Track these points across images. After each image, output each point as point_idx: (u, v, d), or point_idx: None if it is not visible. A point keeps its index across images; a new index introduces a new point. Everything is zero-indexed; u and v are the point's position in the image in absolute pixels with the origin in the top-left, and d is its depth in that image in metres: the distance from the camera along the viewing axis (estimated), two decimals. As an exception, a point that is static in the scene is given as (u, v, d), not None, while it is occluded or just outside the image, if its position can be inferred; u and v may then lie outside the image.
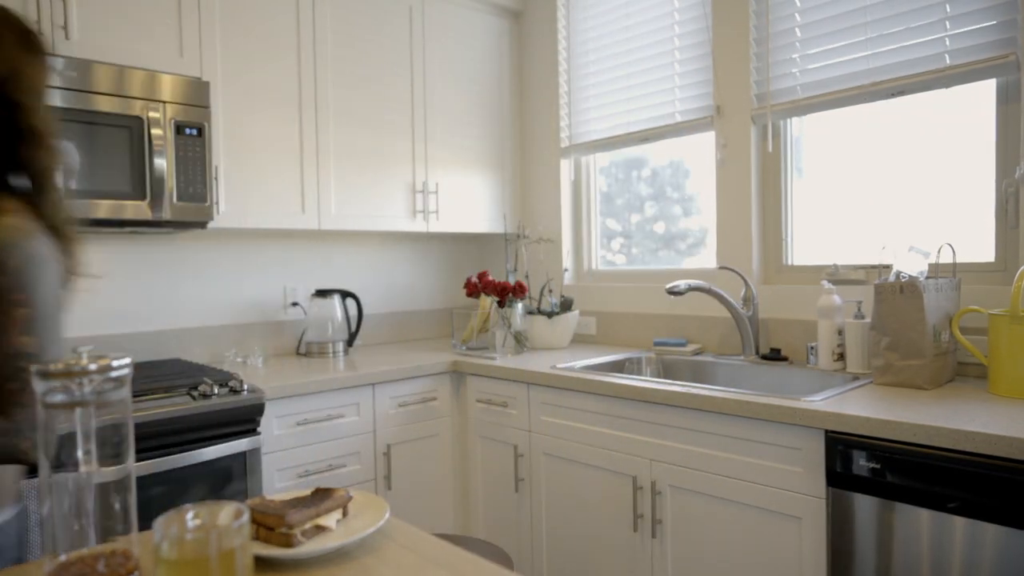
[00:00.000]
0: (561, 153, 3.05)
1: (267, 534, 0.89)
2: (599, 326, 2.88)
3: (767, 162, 2.40)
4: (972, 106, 1.98)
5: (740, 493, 1.71)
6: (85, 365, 0.73)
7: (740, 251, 2.42)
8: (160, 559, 0.66)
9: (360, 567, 0.86)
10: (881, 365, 1.80)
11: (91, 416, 0.78)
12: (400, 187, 2.74)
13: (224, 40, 2.25)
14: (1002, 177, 1.90)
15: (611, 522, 2.02)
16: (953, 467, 1.37)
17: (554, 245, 3.07)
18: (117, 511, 0.78)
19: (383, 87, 2.67)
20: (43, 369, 0.73)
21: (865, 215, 2.23)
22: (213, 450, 1.85)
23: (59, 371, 0.73)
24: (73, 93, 1.87)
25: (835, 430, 1.53)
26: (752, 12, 2.35)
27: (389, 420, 2.33)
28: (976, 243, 1.97)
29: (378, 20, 2.65)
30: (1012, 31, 1.82)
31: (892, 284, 1.77)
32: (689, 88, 2.57)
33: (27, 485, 1.54)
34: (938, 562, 1.40)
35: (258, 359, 2.47)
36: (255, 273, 2.68)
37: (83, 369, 0.73)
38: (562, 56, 3.03)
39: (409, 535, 0.96)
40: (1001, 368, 1.63)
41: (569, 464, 2.15)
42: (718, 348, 2.48)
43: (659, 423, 1.89)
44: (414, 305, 3.19)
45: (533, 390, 2.25)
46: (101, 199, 1.92)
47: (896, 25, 2.02)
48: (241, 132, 2.30)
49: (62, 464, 0.75)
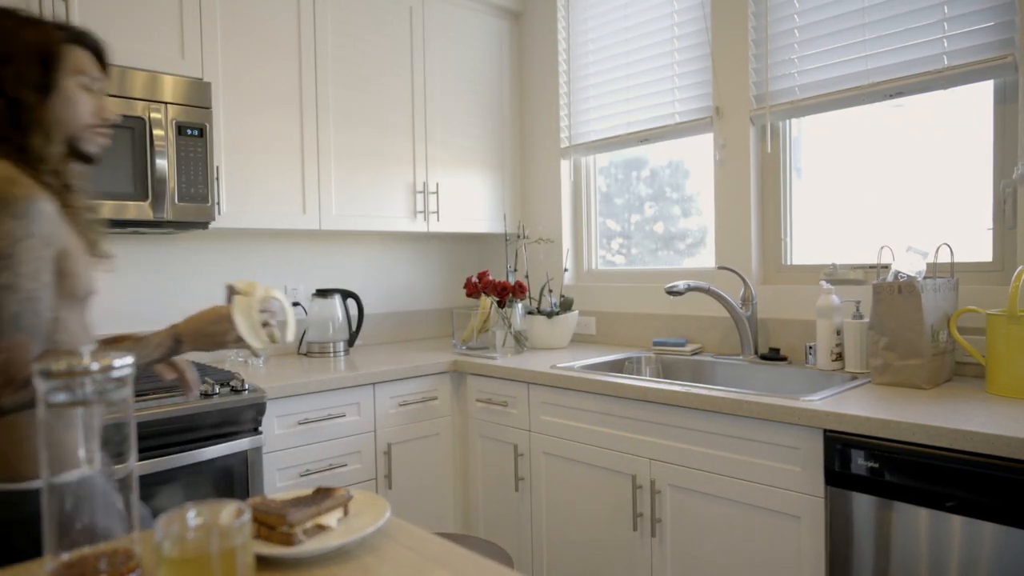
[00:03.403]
0: (561, 153, 3.06)
1: (268, 533, 0.89)
2: (599, 326, 2.89)
3: (766, 162, 2.41)
4: (970, 107, 1.99)
5: (739, 492, 1.72)
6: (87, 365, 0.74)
7: (739, 251, 2.43)
8: (161, 558, 0.67)
9: (361, 566, 0.86)
10: (879, 365, 1.80)
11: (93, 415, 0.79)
12: (400, 187, 2.75)
13: (225, 41, 2.26)
14: (1000, 177, 1.90)
15: (611, 521, 2.03)
16: (951, 466, 1.37)
17: (554, 245, 3.07)
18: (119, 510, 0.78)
19: (383, 87, 2.67)
20: (45, 369, 0.73)
21: (864, 215, 2.23)
22: (214, 449, 1.86)
23: (61, 371, 0.73)
24: (74, 94, 1.88)
25: (834, 429, 1.53)
26: (751, 13, 2.35)
27: (390, 420, 2.34)
28: (974, 243, 1.97)
29: (378, 20, 2.66)
30: (1010, 32, 1.82)
31: (890, 284, 1.77)
32: (688, 89, 2.57)
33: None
34: (936, 561, 1.40)
35: (259, 359, 2.47)
36: (256, 273, 2.68)
37: (85, 369, 0.74)
38: (562, 56, 3.03)
39: (410, 534, 0.96)
40: (999, 368, 1.64)
41: (569, 463, 2.15)
42: (717, 348, 2.48)
43: (658, 423, 1.89)
44: (414, 305, 3.20)
45: (533, 390, 2.26)
46: (103, 200, 1.93)
47: (894, 26, 2.03)
48: (242, 132, 2.31)
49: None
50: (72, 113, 1.18)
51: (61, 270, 1.09)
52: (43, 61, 1.14)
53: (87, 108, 1.19)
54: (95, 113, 1.21)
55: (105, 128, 1.23)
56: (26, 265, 1.02)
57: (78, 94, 1.18)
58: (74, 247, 1.12)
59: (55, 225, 1.07)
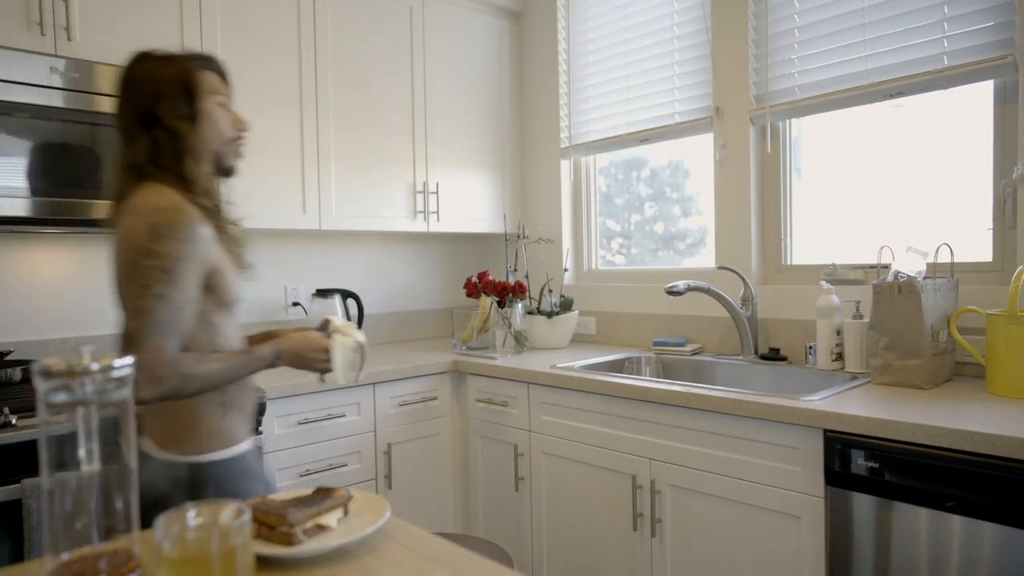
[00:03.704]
0: (561, 153, 3.06)
1: (268, 533, 0.89)
2: (599, 326, 2.89)
3: (766, 162, 2.41)
4: (970, 107, 1.99)
5: (739, 492, 1.72)
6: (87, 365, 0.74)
7: (739, 251, 2.43)
8: (162, 558, 0.67)
9: (361, 566, 0.86)
10: (879, 365, 1.80)
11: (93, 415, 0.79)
12: (400, 187, 2.75)
13: (225, 41, 2.26)
14: (1000, 177, 1.90)
15: (611, 521, 2.03)
16: (951, 466, 1.37)
17: (554, 245, 3.07)
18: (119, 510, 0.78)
19: (383, 87, 2.67)
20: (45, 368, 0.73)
21: (864, 215, 2.23)
22: (214, 450, 1.85)
23: (61, 370, 0.73)
24: (75, 94, 1.88)
25: (834, 429, 1.53)
26: (751, 13, 2.35)
27: (390, 419, 2.34)
28: (974, 243, 1.97)
29: (378, 20, 2.66)
30: (1010, 32, 1.82)
31: (890, 284, 1.77)
32: (688, 89, 2.57)
33: (30, 484, 1.55)
34: (936, 561, 1.40)
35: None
36: (256, 273, 2.68)
37: (85, 369, 0.74)
38: (562, 57, 3.03)
39: (409, 534, 0.96)
40: (999, 368, 1.64)
41: (569, 463, 2.15)
42: (717, 348, 2.48)
43: (658, 422, 1.89)
44: (414, 305, 3.20)
45: (533, 390, 2.26)
46: (104, 200, 1.93)
47: (894, 26, 2.03)
48: (242, 133, 2.30)
49: None
50: (216, 132, 1.33)
51: (212, 284, 1.27)
52: (186, 91, 1.29)
53: (226, 124, 1.34)
54: (233, 126, 1.36)
55: (242, 139, 1.38)
56: (181, 281, 1.19)
57: (217, 112, 1.33)
58: (223, 263, 1.29)
59: (208, 246, 1.24)
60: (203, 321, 1.28)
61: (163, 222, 1.18)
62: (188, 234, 1.20)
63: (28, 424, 1.59)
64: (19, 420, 1.60)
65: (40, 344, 2.18)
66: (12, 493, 1.55)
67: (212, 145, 1.33)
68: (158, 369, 1.16)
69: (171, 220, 1.19)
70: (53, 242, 2.24)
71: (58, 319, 2.24)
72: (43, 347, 2.17)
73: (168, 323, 1.19)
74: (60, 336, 2.23)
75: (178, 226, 1.19)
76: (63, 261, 2.26)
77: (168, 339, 1.19)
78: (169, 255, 1.18)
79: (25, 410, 1.64)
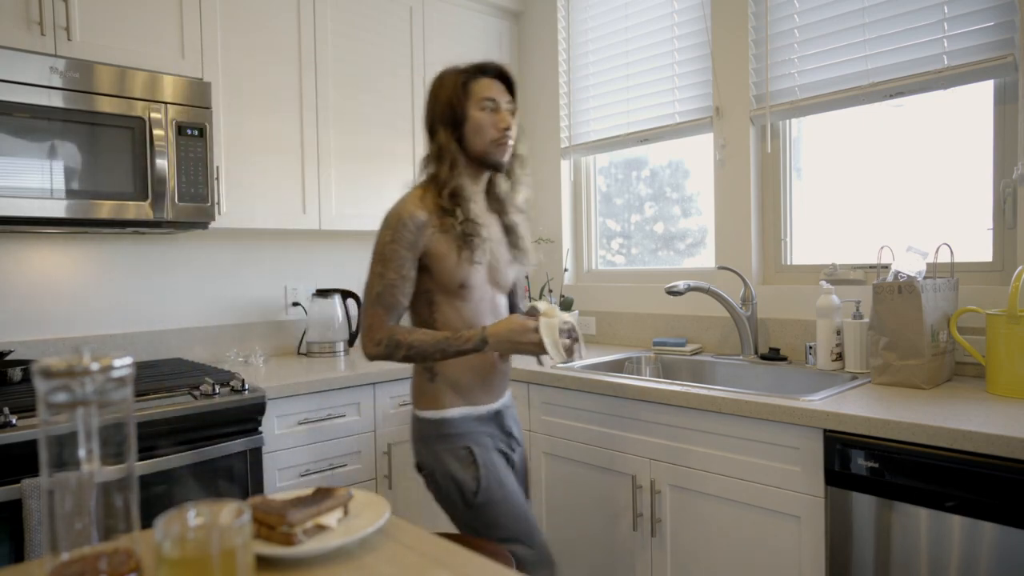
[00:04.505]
0: (561, 153, 3.06)
1: (268, 533, 0.89)
2: (599, 326, 2.89)
3: (766, 162, 2.41)
4: (970, 107, 1.99)
5: (739, 492, 1.72)
6: (87, 364, 0.74)
7: (739, 251, 2.43)
8: (162, 558, 0.67)
9: (361, 566, 0.86)
10: (879, 365, 1.80)
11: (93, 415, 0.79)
12: (401, 187, 2.72)
13: (225, 41, 2.26)
14: (1000, 177, 1.90)
15: (611, 521, 2.03)
16: (951, 466, 1.37)
17: (554, 245, 3.07)
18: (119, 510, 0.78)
19: (383, 88, 2.67)
20: (45, 368, 0.73)
21: (864, 215, 2.23)
22: (214, 449, 1.86)
23: (61, 370, 0.73)
24: (75, 94, 1.88)
25: (834, 429, 1.53)
26: (751, 13, 2.35)
27: (390, 419, 2.34)
28: (974, 243, 1.97)
29: (378, 21, 2.66)
30: (1010, 32, 1.82)
31: (890, 284, 1.77)
32: (688, 89, 2.57)
33: (30, 484, 1.55)
34: (936, 560, 1.40)
35: (259, 359, 2.47)
36: (256, 273, 2.69)
37: (85, 368, 0.74)
38: (562, 57, 3.03)
39: (410, 534, 0.96)
40: (999, 368, 1.64)
41: (569, 463, 2.15)
42: (717, 348, 2.48)
43: (658, 422, 1.89)
44: (414, 305, 3.19)
45: (533, 390, 2.25)
46: (103, 200, 1.93)
47: (894, 26, 2.03)
48: (242, 133, 2.31)
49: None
50: (479, 137, 1.53)
51: (430, 268, 1.51)
52: (451, 104, 1.52)
53: (488, 127, 1.53)
54: (495, 127, 1.53)
55: (506, 137, 1.55)
56: (393, 262, 1.49)
57: (480, 118, 1.52)
58: (443, 250, 1.50)
59: (420, 234, 1.49)
60: (426, 300, 1.54)
61: (386, 217, 1.52)
62: (399, 224, 1.48)
63: (28, 424, 1.59)
64: (19, 420, 1.60)
65: (40, 344, 2.18)
66: (12, 493, 1.55)
67: (476, 148, 1.53)
68: (373, 333, 1.46)
69: (390, 214, 1.51)
70: (53, 242, 2.24)
71: (58, 319, 2.24)
72: (43, 347, 2.18)
73: (383, 296, 1.48)
74: (60, 336, 2.23)
75: (391, 218, 1.51)
76: (63, 261, 2.26)
77: (383, 309, 1.47)
78: (382, 241, 1.50)
79: (25, 410, 1.64)
